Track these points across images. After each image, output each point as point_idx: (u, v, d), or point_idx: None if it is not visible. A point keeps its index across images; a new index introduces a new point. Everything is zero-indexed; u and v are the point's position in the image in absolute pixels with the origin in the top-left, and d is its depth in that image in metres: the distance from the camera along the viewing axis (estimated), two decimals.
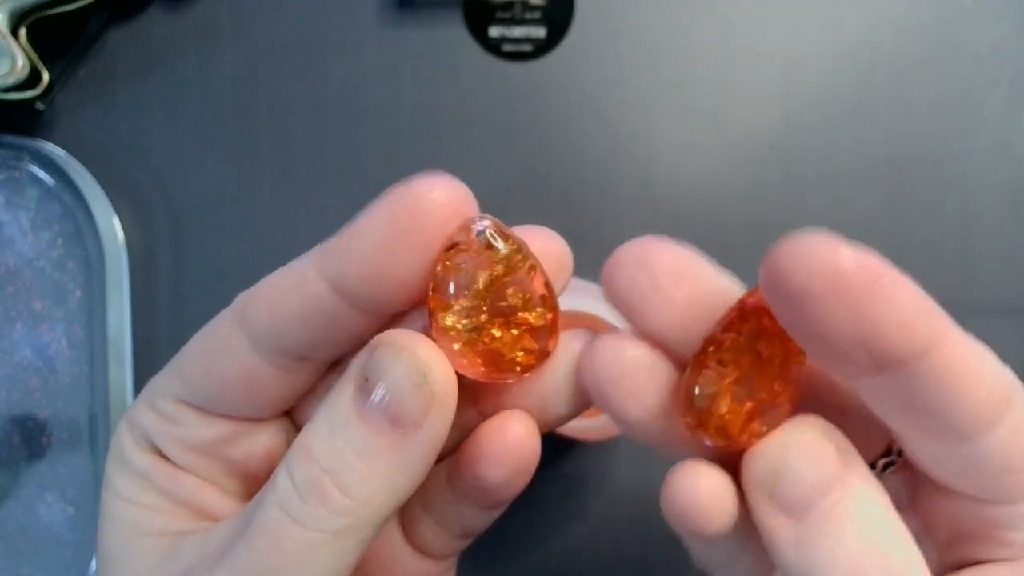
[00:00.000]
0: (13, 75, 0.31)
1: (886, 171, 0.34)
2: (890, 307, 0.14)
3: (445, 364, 0.16)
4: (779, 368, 0.17)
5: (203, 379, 0.18)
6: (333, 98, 0.34)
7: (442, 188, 0.16)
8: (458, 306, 0.17)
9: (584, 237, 0.34)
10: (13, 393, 0.33)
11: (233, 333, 0.17)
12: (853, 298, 0.14)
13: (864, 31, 0.34)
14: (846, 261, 0.14)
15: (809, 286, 0.14)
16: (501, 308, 0.17)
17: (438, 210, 0.16)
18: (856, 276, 0.14)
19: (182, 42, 0.34)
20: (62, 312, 0.33)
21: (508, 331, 0.17)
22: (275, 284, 0.17)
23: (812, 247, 0.14)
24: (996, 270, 0.34)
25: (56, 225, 0.33)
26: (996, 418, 0.15)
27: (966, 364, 0.15)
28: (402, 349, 0.16)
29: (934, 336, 0.15)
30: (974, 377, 0.15)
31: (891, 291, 0.14)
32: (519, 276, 0.17)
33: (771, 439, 0.16)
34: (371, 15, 0.34)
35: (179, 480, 0.18)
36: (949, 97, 0.34)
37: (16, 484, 0.33)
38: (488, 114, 0.34)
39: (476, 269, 0.16)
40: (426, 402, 0.16)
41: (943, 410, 0.15)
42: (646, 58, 0.34)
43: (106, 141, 0.34)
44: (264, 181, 0.34)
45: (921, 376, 0.15)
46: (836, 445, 0.16)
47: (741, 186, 0.34)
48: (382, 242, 0.16)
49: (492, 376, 0.17)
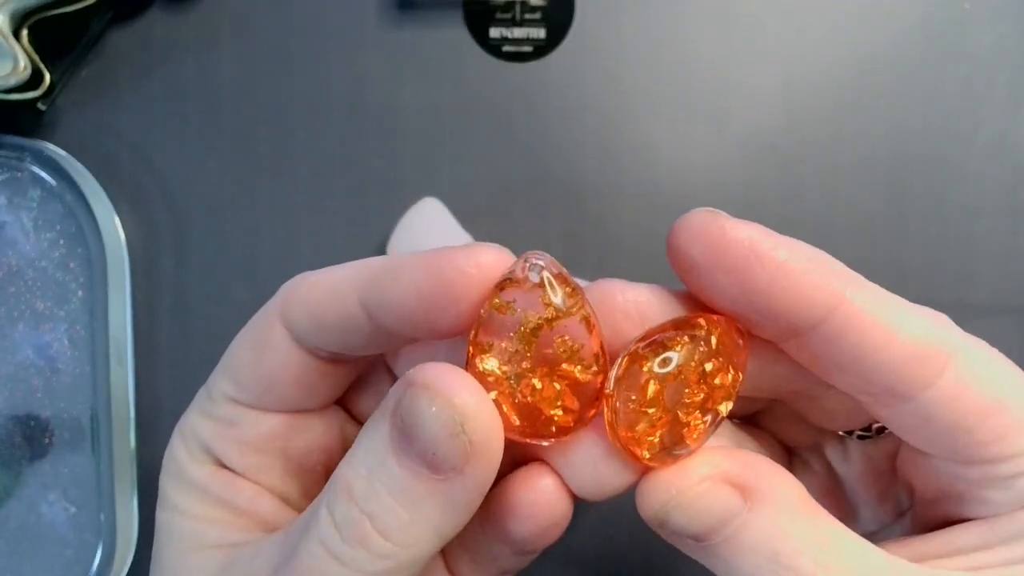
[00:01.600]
0: (15, 76, 0.31)
1: (886, 171, 0.34)
2: (772, 272, 0.15)
3: (485, 409, 0.15)
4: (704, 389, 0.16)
5: (253, 377, 0.18)
6: (333, 98, 0.34)
7: (486, 262, 0.16)
8: (500, 348, 0.15)
9: (584, 237, 0.34)
10: (15, 393, 0.33)
11: (276, 329, 0.17)
12: (733, 266, 0.15)
13: (864, 31, 0.34)
14: (727, 231, 0.15)
15: (694, 256, 0.15)
16: (546, 356, 0.15)
17: (477, 284, 0.16)
18: (736, 244, 0.15)
19: (183, 43, 0.34)
20: (64, 312, 0.33)
21: (550, 383, 0.16)
22: (314, 288, 0.17)
23: (697, 220, 0.15)
24: (996, 269, 0.34)
25: (58, 225, 0.34)
26: (929, 375, 0.15)
27: (873, 321, 0.15)
28: (436, 395, 0.15)
29: (829, 297, 0.15)
30: (885, 333, 0.15)
31: (771, 256, 0.15)
32: (571, 324, 0.15)
33: (658, 481, 0.16)
34: (371, 16, 0.34)
35: (237, 488, 0.18)
36: (948, 97, 0.34)
37: (18, 484, 0.33)
38: (488, 114, 0.34)
39: (525, 310, 0.15)
40: (464, 451, 0.15)
41: (864, 369, 0.15)
42: (646, 58, 0.34)
43: (108, 142, 0.34)
44: (265, 181, 0.34)
45: (829, 336, 0.15)
46: (735, 478, 0.16)
47: (741, 186, 0.34)
48: (416, 299, 0.16)
49: (525, 434, 0.16)
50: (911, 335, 0.15)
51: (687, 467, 0.16)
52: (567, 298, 0.15)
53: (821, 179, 0.34)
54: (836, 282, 0.15)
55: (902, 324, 0.15)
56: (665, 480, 0.16)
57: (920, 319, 0.16)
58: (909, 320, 0.15)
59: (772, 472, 0.16)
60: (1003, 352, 0.16)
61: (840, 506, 0.21)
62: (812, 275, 0.15)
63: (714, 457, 0.16)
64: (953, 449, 0.16)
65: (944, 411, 0.16)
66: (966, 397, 0.16)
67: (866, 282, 0.16)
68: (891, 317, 0.15)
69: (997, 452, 0.16)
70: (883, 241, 0.34)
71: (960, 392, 0.16)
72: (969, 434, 0.16)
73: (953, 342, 0.16)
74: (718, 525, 0.16)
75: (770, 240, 0.15)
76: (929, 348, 0.15)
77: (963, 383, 0.16)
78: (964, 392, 0.16)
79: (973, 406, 0.16)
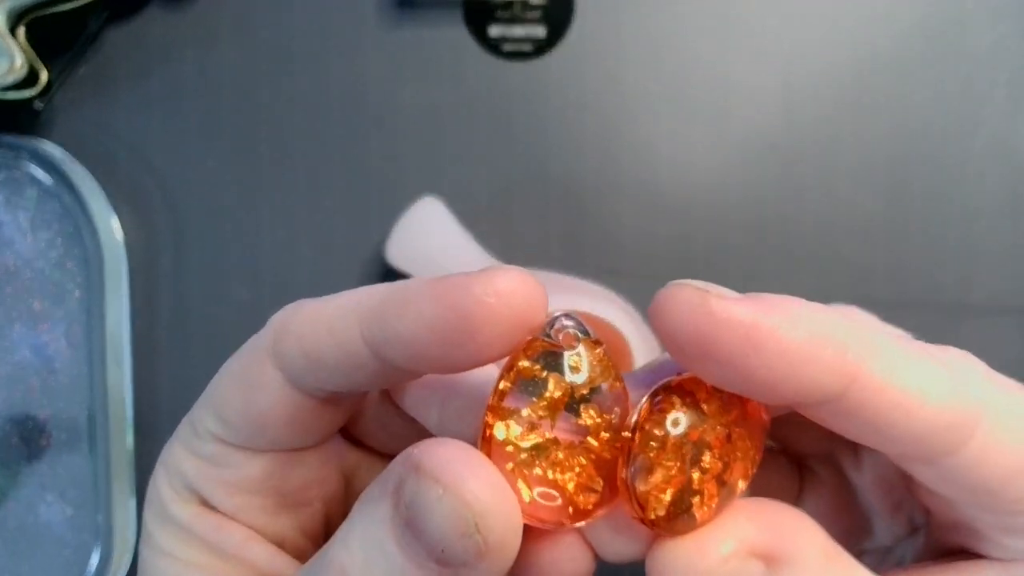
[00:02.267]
0: (11, 74, 0.31)
1: (886, 171, 0.34)
2: (773, 360, 0.13)
3: (503, 505, 0.13)
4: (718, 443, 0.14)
5: (241, 417, 0.16)
6: (333, 97, 0.34)
7: (506, 289, 0.14)
8: (521, 416, 0.14)
9: (584, 237, 0.34)
10: (12, 393, 0.33)
11: (268, 369, 0.16)
12: (727, 357, 0.13)
13: (864, 31, 0.34)
14: (717, 315, 0.13)
15: (680, 344, 0.13)
16: (571, 425, 0.14)
17: (497, 315, 0.14)
18: (729, 332, 0.13)
19: (182, 41, 0.34)
20: (61, 312, 0.33)
21: (571, 456, 0.14)
22: (309, 322, 0.15)
23: (680, 303, 0.13)
24: (996, 269, 0.34)
25: (55, 225, 0.33)
26: (955, 443, 0.14)
27: (894, 394, 0.13)
28: (447, 489, 0.13)
29: (841, 376, 0.13)
30: (908, 406, 0.14)
31: (772, 340, 0.13)
32: (600, 394, 0.14)
33: (675, 560, 0.14)
34: (371, 14, 0.34)
35: (226, 531, 0.17)
36: (949, 97, 0.34)
37: (15, 484, 0.33)
38: (488, 114, 0.34)
39: (552, 375, 0.14)
40: (477, 552, 0.13)
41: (885, 439, 0.14)
42: (646, 57, 0.34)
43: (105, 140, 0.34)
44: (264, 180, 0.34)
45: (845, 412, 0.14)
46: (761, 548, 0.14)
47: (741, 186, 0.34)
48: (429, 333, 0.14)
49: (539, 516, 0.14)
50: (937, 403, 0.14)
51: (707, 542, 0.14)
52: (597, 364, 0.14)
53: (821, 179, 0.34)
54: (850, 356, 0.13)
55: (926, 391, 0.14)
56: (684, 560, 0.14)
57: (946, 378, 0.14)
58: (934, 384, 0.14)
59: (796, 528, 0.14)
60: (1003, 352, 0.16)
61: (854, 519, 0.20)
62: (822, 355, 0.13)
63: (736, 525, 0.14)
64: (974, 505, 0.15)
65: (968, 476, 0.14)
66: (993, 463, 0.14)
67: (884, 342, 0.14)
68: (914, 384, 0.14)
69: (1020, 509, 0.15)
70: (883, 241, 0.34)
71: (987, 458, 0.14)
72: (992, 496, 0.15)
73: (983, 397, 0.14)
74: None
75: (770, 319, 0.13)
76: (956, 415, 0.14)
77: (990, 448, 0.14)
78: (991, 458, 0.14)
79: (999, 471, 0.14)
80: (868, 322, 0.15)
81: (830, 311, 0.14)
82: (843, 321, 0.14)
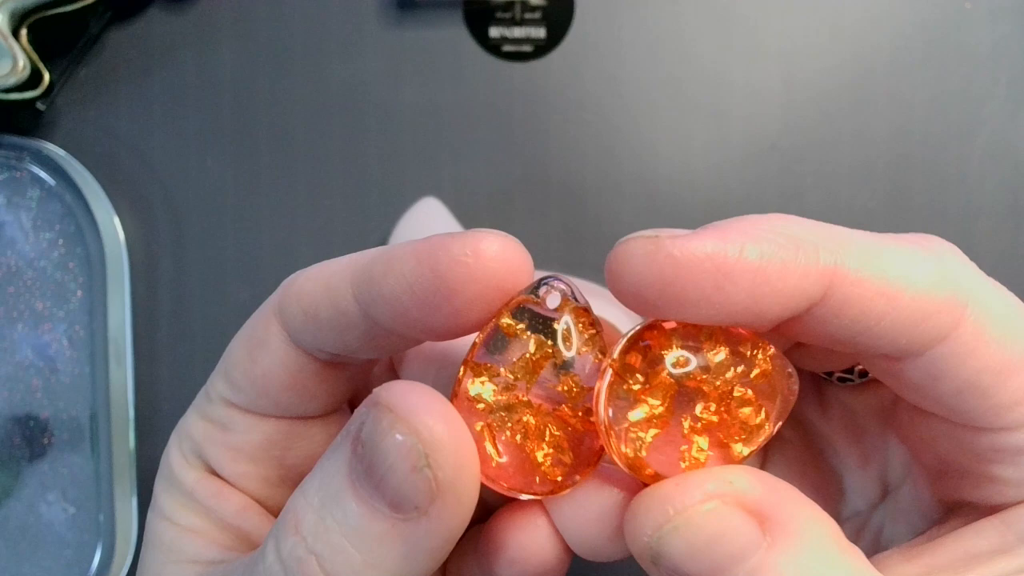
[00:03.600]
0: (14, 75, 0.31)
1: (886, 170, 0.34)
2: (751, 284, 0.13)
3: (457, 441, 0.13)
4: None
5: (246, 377, 0.16)
6: (333, 98, 0.34)
7: (487, 251, 0.13)
8: (498, 374, 0.13)
9: (584, 237, 0.34)
10: (14, 393, 0.33)
11: (272, 327, 0.16)
12: (702, 296, 0.12)
13: (864, 31, 0.34)
14: (678, 255, 0.12)
15: (649, 298, 0.13)
16: (548, 392, 0.13)
17: (475, 276, 0.13)
18: (697, 270, 0.12)
19: (183, 42, 0.34)
20: (63, 312, 0.33)
21: (544, 423, 0.13)
22: (311, 279, 0.15)
23: (636, 255, 0.13)
24: (996, 269, 0.33)
25: (57, 225, 0.33)
26: (942, 329, 0.13)
27: (874, 287, 0.13)
28: (399, 419, 0.13)
29: (820, 278, 0.13)
30: (890, 296, 0.13)
31: (744, 266, 0.12)
32: (583, 363, 0.13)
33: (652, 497, 0.13)
34: (371, 15, 0.34)
35: (224, 498, 0.17)
36: (949, 97, 0.34)
37: (17, 484, 0.33)
38: (488, 114, 0.34)
39: (535, 337, 0.13)
40: (428, 489, 0.13)
41: (870, 337, 0.13)
42: (646, 58, 0.34)
43: (107, 141, 0.34)
44: (264, 181, 0.34)
45: (828, 316, 0.13)
46: (752, 503, 0.13)
47: (741, 185, 0.34)
48: (410, 295, 0.14)
49: (505, 481, 0.14)
50: (920, 287, 0.13)
51: (689, 480, 0.13)
52: (584, 332, 0.13)
53: (821, 179, 0.34)
54: (823, 255, 0.13)
55: (908, 277, 0.13)
56: (661, 496, 0.13)
57: (928, 263, 0.13)
58: (915, 269, 0.13)
59: (799, 501, 0.13)
60: None
61: (823, 476, 0.19)
62: (795, 262, 0.13)
63: (726, 472, 0.13)
64: (963, 411, 0.14)
65: (958, 368, 0.13)
66: (982, 354, 0.13)
67: (855, 237, 0.14)
68: (893, 271, 0.13)
69: (1015, 419, 0.14)
70: None
71: (977, 348, 0.13)
72: (984, 396, 0.14)
73: (968, 285, 0.14)
74: (727, 562, 0.13)
75: (734, 244, 0.12)
76: (942, 300, 0.13)
77: (980, 337, 0.13)
78: (980, 348, 0.13)
79: (991, 363, 0.13)
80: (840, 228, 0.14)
81: (790, 219, 0.13)
82: (807, 224, 0.13)
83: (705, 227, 0.13)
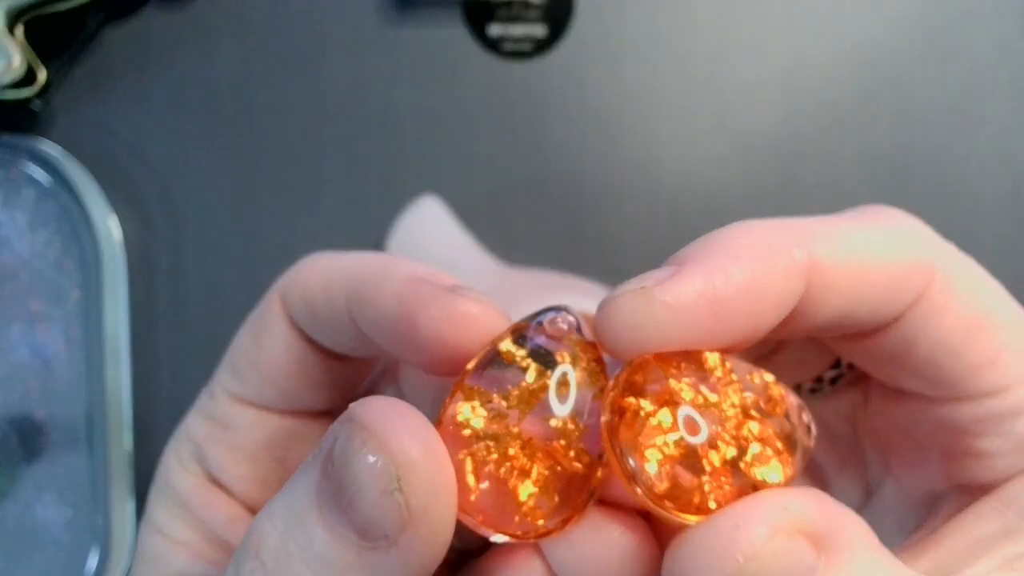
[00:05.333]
0: (9, 73, 0.31)
1: (887, 170, 0.34)
2: (740, 306, 0.13)
3: (433, 464, 0.12)
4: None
5: (251, 364, 0.16)
6: (332, 96, 0.34)
7: (463, 317, 0.13)
8: (489, 400, 0.12)
9: (584, 237, 0.34)
10: (11, 394, 0.33)
11: (276, 310, 0.16)
12: (706, 332, 0.13)
13: (864, 31, 0.34)
14: (670, 302, 0.12)
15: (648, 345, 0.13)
16: (542, 426, 0.12)
17: (446, 337, 0.13)
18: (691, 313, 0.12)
19: (180, 40, 0.34)
20: (59, 312, 0.33)
21: (532, 459, 0.12)
22: (316, 272, 0.16)
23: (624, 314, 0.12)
24: (997, 269, 0.33)
25: (53, 224, 0.33)
26: (916, 287, 0.14)
27: (849, 268, 0.13)
28: (371, 438, 0.12)
29: (799, 273, 0.13)
30: (865, 270, 0.13)
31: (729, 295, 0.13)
32: (582, 397, 0.12)
33: (710, 539, 0.12)
34: (370, 13, 0.34)
35: (216, 508, 0.17)
36: (949, 97, 0.34)
37: (14, 485, 0.33)
38: (488, 113, 0.34)
39: (534, 366, 0.12)
40: (399, 516, 0.12)
41: (844, 318, 0.14)
42: (647, 56, 0.34)
43: (103, 140, 0.34)
44: (263, 180, 0.34)
45: (820, 304, 0.14)
46: (809, 526, 0.12)
47: (742, 185, 0.34)
48: (389, 331, 0.14)
49: (481, 516, 0.12)
50: (891, 259, 0.14)
51: (749, 517, 0.12)
52: (588, 368, 0.13)
53: (822, 178, 0.34)
54: (797, 254, 0.13)
55: (879, 252, 0.14)
56: (723, 540, 0.12)
57: (893, 235, 0.14)
58: (884, 243, 0.14)
59: (841, 511, 0.13)
60: None
61: (805, 483, 0.18)
62: (777, 271, 0.13)
63: (778, 498, 0.12)
64: (939, 379, 0.14)
65: (930, 329, 0.14)
66: (953, 311, 0.14)
67: (822, 228, 0.14)
68: (861, 251, 0.14)
69: (991, 381, 0.14)
70: None
71: (946, 305, 0.14)
72: (956, 355, 0.14)
73: (934, 248, 0.14)
74: None
75: (719, 273, 0.13)
76: (911, 265, 0.14)
77: (947, 295, 0.14)
78: (951, 305, 0.14)
79: (961, 321, 0.14)
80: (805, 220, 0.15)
81: (752, 226, 0.14)
82: (771, 226, 0.14)
83: (680, 260, 0.13)
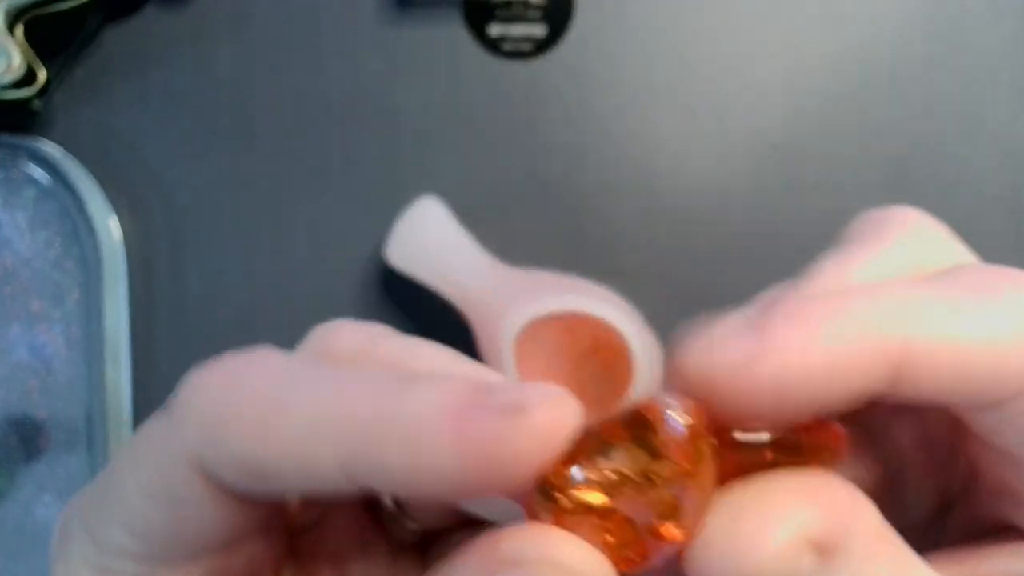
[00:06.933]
0: (9, 73, 0.31)
1: (887, 171, 0.34)
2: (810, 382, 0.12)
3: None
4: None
5: (163, 535, 0.13)
6: (332, 96, 0.34)
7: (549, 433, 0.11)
8: (586, 475, 0.12)
9: (584, 237, 0.34)
10: (10, 394, 0.33)
11: (196, 482, 0.13)
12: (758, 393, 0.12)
13: (865, 31, 0.34)
14: (757, 364, 0.12)
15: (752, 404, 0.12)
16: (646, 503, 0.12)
17: (533, 458, 0.12)
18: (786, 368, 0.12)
19: (180, 40, 0.34)
20: (59, 312, 0.33)
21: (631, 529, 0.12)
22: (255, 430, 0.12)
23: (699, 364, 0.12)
24: None
25: (53, 224, 0.33)
26: (1020, 383, 0.12)
27: (950, 354, 0.12)
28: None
29: (887, 358, 0.12)
30: (972, 357, 0.12)
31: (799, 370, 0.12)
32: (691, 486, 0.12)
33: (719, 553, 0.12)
34: (370, 13, 0.34)
35: None
36: (949, 97, 0.34)
37: (13, 485, 0.33)
38: (488, 113, 0.34)
39: (639, 449, 0.12)
40: None
41: (957, 396, 0.13)
42: (647, 56, 0.34)
43: (103, 140, 0.34)
44: (263, 180, 0.34)
45: (911, 382, 0.13)
46: (819, 535, 0.12)
47: (742, 185, 0.34)
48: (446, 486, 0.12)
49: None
50: (998, 350, 0.12)
51: (756, 532, 0.12)
52: (699, 454, 0.12)
53: (823, 178, 0.34)
54: (886, 332, 0.12)
55: (986, 339, 0.12)
56: (730, 554, 0.11)
57: (1001, 317, 0.13)
58: (990, 326, 0.12)
59: (850, 507, 0.12)
60: None
61: (886, 484, 0.17)
62: (861, 351, 0.12)
63: (794, 507, 0.12)
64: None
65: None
66: None
67: (919, 301, 0.13)
68: (969, 335, 0.12)
69: None
70: None
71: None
72: None
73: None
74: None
75: (798, 357, 0.12)
76: (1019, 354, 0.12)
77: None
78: None
79: None
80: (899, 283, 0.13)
81: (850, 296, 0.13)
82: (867, 299, 0.12)
83: (762, 320, 0.12)
